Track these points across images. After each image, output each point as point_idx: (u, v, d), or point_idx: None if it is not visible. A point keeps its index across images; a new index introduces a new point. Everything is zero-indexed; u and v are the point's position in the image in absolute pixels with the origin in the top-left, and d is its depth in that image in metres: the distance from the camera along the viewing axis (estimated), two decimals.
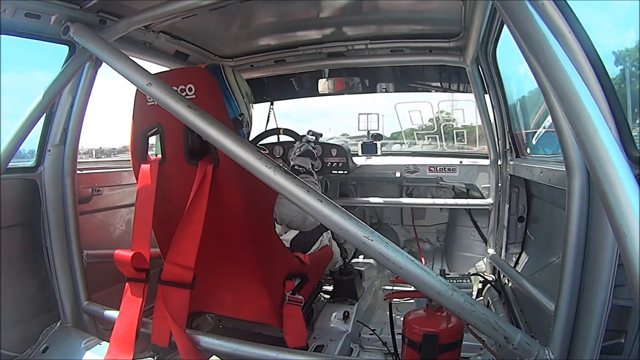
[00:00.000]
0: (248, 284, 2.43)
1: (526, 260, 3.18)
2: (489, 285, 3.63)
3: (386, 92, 4.59)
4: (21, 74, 2.82)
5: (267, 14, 3.05)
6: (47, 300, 2.63)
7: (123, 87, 2.24)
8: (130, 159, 2.43)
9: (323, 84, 4.32)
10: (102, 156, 6.87)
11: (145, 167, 2.29)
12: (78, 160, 2.67)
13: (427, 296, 1.78)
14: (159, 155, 2.32)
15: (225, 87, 2.38)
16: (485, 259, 3.92)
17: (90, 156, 6.26)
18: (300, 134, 3.89)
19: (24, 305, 2.51)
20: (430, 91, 4.60)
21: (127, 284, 2.27)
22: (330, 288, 3.45)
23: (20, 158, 2.52)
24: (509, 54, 3.04)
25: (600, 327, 1.56)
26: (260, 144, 4.21)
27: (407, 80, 4.40)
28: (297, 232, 3.06)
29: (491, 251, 3.73)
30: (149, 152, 2.37)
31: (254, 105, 2.68)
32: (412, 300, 3.41)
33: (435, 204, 4.64)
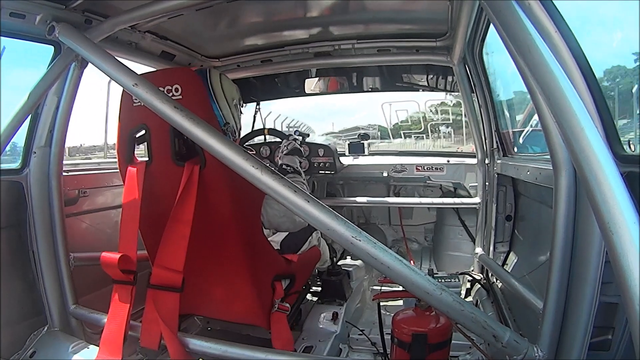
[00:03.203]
0: (237, 285, 2.42)
1: (514, 258, 3.20)
2: (477, 284, 3.65)
3: (372, 91, 4.58)
4: (6, 74, 2.79)
5: (253, 14, 3.03)
6: (34, 304, 2.61)
7: None
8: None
9: (310, 84, 4.32)
10: None
11: (131, 168, 2.27)
12: None
13: (415, 296, 1.78)
14: None
15: (210, 94, 2.36)
16: (473, 258, 3.93)
17: None
18: (287, 134, 3.89)
19: (11, 310, 2.48)
20: (417, 90, 4.59)
21: (114, 287, 2.25)
22: (319, 289, 3.45)
23: None
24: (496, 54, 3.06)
25: (588, 324, 1.58)
26: (246, 145, 4.20)
27: (394, 79, 4.38)
28: (287, 233, 3.05)
29: (479, 250, 3.75)
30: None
31: (242, 110, 2.67)
32: (401, 301, 3.43)
33: (422, 203, 4.65)
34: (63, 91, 2.55)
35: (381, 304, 2.75)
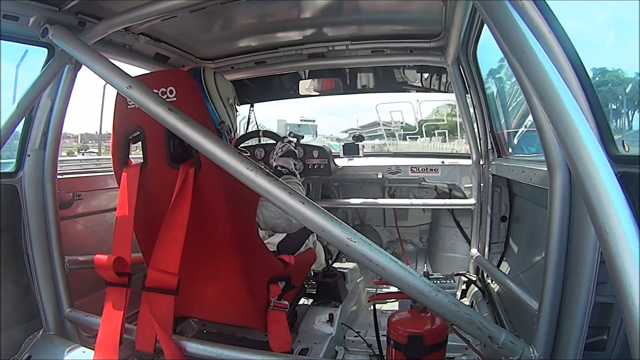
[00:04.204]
0: (231, 287, 2.42)
1: (509, 259, 3.20)
2: (472, 285, 3.65)
3: (366, 92, 4.59)
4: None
5: (247, 16, 3.04)
6: (29, 308, 2.59)
7: None
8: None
9: (304, 85, 4.33)
10: None
11: (126, 171, 2.26)
12: None
13: (411, 297, 1.78)
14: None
15: (204, 93, 2.35)
16: (468, 259, 3.94)
17: None
18: (282, 136, 3.89)
19: (6, 314, 2.45)
20: (410, 91, 4.59)
21: (108, 289, 2.23)
22: (314, 291, 3.44)
23: None
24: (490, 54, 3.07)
25: (583, 324, 1.58)
26: (241, 147, 4.19)
27: (388, 80, 4.38)
28: (284, 235, 3.04)
29: (474, 251, 3.75)
30: None
31: (238, 109, 2.66)
32: (397, 303, 3.43)
33: (417, 204, 4.66)
34: (57, 94, 2.53)
35: (376, 305, 2.75)
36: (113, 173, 2.39)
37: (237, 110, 2.63)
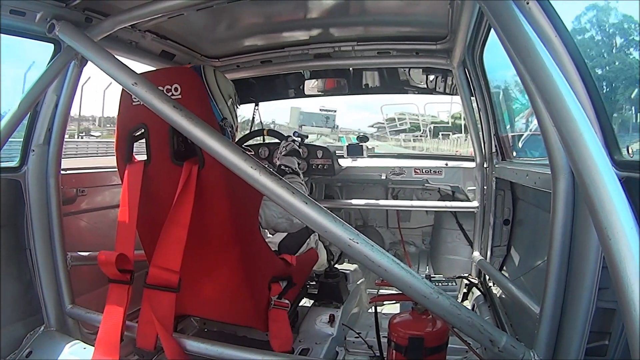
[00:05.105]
0: (233, 286, 2.42)
1: (511, 263, 3.19)
2: (474, 288, 3.64)
3: (372, 93, 4.59)
4: (6, 71, 2.77)
5: (253, 15, 3.03)
6: (31, 303, 2.59)
7: None
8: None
9: (309, 85, 4.33)
10: None
11: (130, 167, 2.27)
12: None
13: (412, 299, 1.78)
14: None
15: (206, 90, 2.35)
16: (470, 262, 3.93)
17: None
18: (286, 135, 3.89)
19: (7, 309, 2.45)
20: (415, 93, 4.58)
21: (110, 286, 2.23)
22: (316, 291, 3.44)
23: None
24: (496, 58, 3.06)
25: (584, 329, 1.57)
26: (245, 145, 4.20)
27: (394, 81, 4.39)
28: (285, 235, 3.04)
29: (476, 254, 3.74)
30: None
31: (239, 106, 2.66)
32: (398, 304, 3.43)
33: (420, 206, 4.65)
34: (62, 89, 2.53)
35: (378, 307, 2.75)
36: (117, 169, 2.39)
37: (237, 107, 2.63)
